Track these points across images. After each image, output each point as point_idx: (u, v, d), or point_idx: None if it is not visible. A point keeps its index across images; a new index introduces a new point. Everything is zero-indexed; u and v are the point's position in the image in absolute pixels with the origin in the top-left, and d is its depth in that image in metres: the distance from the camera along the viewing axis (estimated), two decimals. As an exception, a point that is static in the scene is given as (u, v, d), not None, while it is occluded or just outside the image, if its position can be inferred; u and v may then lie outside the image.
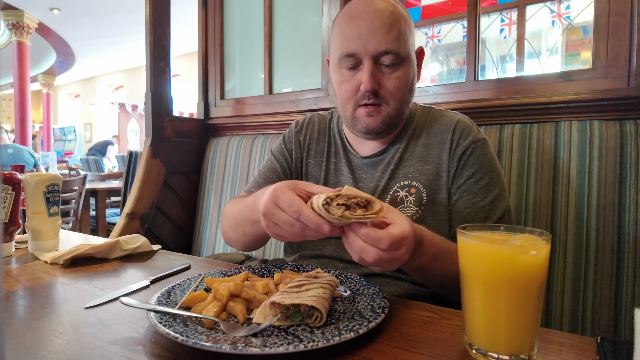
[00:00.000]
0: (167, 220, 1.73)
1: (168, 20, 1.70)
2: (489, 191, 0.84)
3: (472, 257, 0.49)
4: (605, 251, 1.01)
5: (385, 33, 0.81)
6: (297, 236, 0.61)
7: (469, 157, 0.86)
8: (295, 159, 1.04)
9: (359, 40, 0.82)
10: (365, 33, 0.81)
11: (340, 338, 0.47)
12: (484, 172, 0.85)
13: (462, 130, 0.88)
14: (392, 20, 0.82)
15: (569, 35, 4.15)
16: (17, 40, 8.04)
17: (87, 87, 13.21)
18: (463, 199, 0.85)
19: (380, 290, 0.63)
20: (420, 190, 0.87)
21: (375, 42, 0.81)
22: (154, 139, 1.67)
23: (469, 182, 0.85)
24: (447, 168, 0.87)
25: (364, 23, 0.82)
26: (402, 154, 0.91)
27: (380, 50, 0.81)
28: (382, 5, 0.83)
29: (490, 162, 0.87)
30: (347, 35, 0.84)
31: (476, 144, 0.87)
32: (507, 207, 0.84)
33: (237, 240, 0.90)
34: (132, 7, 7.00)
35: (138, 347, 0.50)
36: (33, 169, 4.43)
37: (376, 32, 0.81)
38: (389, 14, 0.82)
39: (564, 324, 1.04)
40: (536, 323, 0.46)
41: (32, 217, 0.95)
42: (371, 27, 0.81)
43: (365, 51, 0.82)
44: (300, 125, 1.08)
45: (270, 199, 0.61)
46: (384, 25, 0.81)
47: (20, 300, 0.66)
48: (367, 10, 0.83)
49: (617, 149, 1.02)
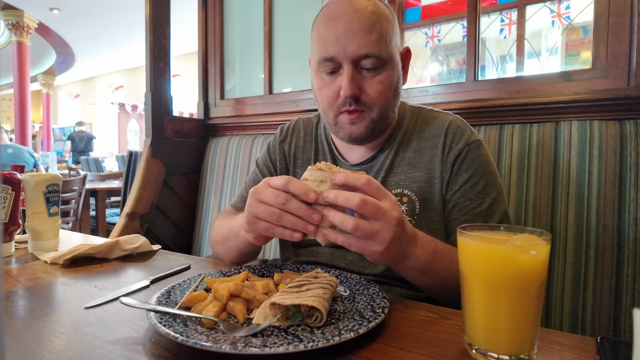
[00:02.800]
0: (167, 220, 1.73)
1: (168, 20, 1.70)
2: (486, 195, 0.81)
3: (472, 257, 0.49)
4: (605, 251, 1.01)
5: (364, 35, 0.76)
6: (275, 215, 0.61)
7: (462, 161, 0.83)
8: (279, 170, 1.01)
9: (337, 43, 0.77)
10: (343, 35, 0.76)
11: (340, 338, 0.47)
12: (480, 176, 0.82)
13: (454, 133, 0.85)
14: (372, 21, 0.76)
15: (569, 35, 4.15)
16: (17, 40, 8.04)
17: (87, 87, 13.21)
18: (459, 205, 0.82)
19: (380, 290, 0.63)
20: (413, 199, 0.84)
21: (354, 45, 0.76)
22: (154, 139, 1.67)
23: (464, 187, 0.82)
24: (440, 174, 0.84)
25: (341, 25, 0.76)
26: (392, 160, 0.88)
27: (360, 53, 0.76)
28: (362, 5, 0.77)
29: (486, 165, 0.83)
30: (324, 38, 0.79)
31: (469, 147, 0.83)
32: (504, 210, 0.82)
33: (223, 254, 0.91)
34: (132, 6, 7.00)
35: (138, 347, 0.50)
36: (33, 169, 4.43)
37: (355, 34, 0.76)
38: (368, 14, 0.76)
39: (564, 324, 1.04)
40: (536, 323, 0.46)
41: (32, 217, 0.95)
42: (349, 29, 0.76)
43: (344, 55, 0.77)
44: (284, 133, 1.03)
45: (263, 181, 0.64)
46: (363, 26, 0.76)
47: (20, 300, 0.66)
48: (346, 11, 0.77)
49: (617, 149, 1.02)
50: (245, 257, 0.88)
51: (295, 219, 0.61)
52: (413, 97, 1.42)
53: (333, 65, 0.79)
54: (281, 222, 0.62)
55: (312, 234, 0.61)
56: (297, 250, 0.96)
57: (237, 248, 0.83)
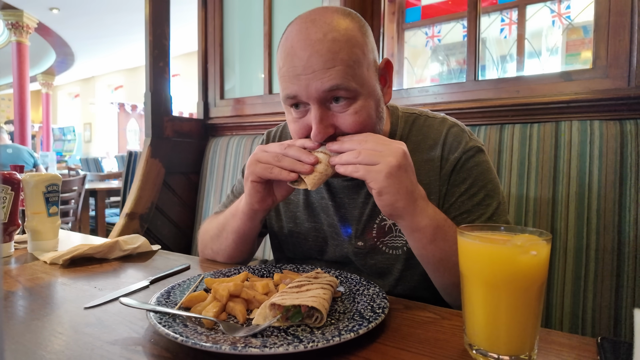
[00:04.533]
0: (167, 220, 1.73)
1: (168, 20, 1.70)
2: (487, 207, 0.76)
3: (472, 257, 0.49)
4: (606, 251, 1.01)
5: (326, 70, 0.66)
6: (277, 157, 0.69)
7: (459, 171, 0.78)
8: None
9: (298, 82, 0.68)
10: (303, 74, 0.68)
11: (340, 338, 0.47)
12: (479, 186, 0.77)
13: (451, 143, 0.80)
14: (333, 53, 0.67)
15: (569, 35, 4.15)
16: (16, 40, 8.03)
17: (87, 87, 13.20)
18: (457, 218, 0.76)
19: (380, 291, 0.63)
20: None
21: (316, 82, 0.67)
22: (154, 139, 1.67)
23: (461, 199, 0.77)
24: (438, 189, 0.79)
25: (299, 62, 0.68)
26: None
27: (324, 89, 0.67)
28: (319, 34, 0.67)
29: (485, 173, 0.78)
30: (284, 75, 0.71)
31: (467, 154, 0.78)
32: (506, 221, 0.78)
33: (218, 250, 0.89)
34: (131, 6, 6.99)
35: (137, 348, 0.50)
36: (32, 169, 4.43)
37: (315, 71, 0.67)
38: (328, 44, 0.67)
39: (564, 324, 1.04)
40: (536, 323, 0.46)
41: (32, 217, 0.95)
42: (308, 67, 0.67)
43: (307, 94, 0.68)
44: (270, 139, 0.99)
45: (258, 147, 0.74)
46: (323, 61, 0.66)
47: (19, 300, 0.66)
48: (302, 45, 0.68)
49: (618, 149, 1.02)
50: (242, 245, 0.85)
51: (292, 160, 0.69)
52: (413, 97, 1.42)
53: (299, 101, 0.71)
54: (280, 163, 0.69)
55: (309, 173, 0.68)
56: None
57: (235, 230, 0.82)
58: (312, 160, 0.67)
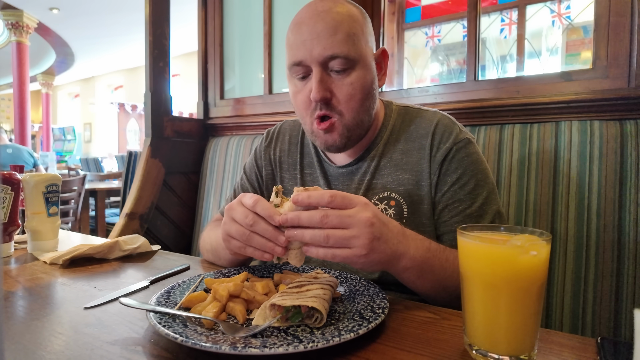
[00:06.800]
0: (167, 220, 1.73)
1: (167, 20, 1.70)
2: (477, 195, 0.79)
3: (472, 257, 0.49)
4: (606, 251, 1.01)
5: (329, 36, 0.75)
6: (245, 236, 0.62)
7: (451, 161, 0.81)
8: (265, 176, 1.01)
9: (304, 47, 0.77)
10: (308, 39, 0.76)
11: (340, 339, 0.47)
12: (469, 175, 0.80)
13: (442, 132, 0.83)
14: (336, 22, 0.76)
15: (569, 35, 4.15)
16: (16, 40, 8.03)
17: (87, 87, 13.20)
18: (449, 207, 0.80)
19: (380, 291, 0.63)
20: (400, 202, 0.83)
21: (319, 47, 0.75)
22: (154, 139, 1.67)
23: (453, 188, 0.80)
24: (428, 176, 0.82)
25: (306, 28, 0.77)
26: (379, 162, 0.86)
27: (326, 55, 0.75)
28: (326, 7, 0.78)
29: (475, 163, 0.81)
30: (292, 43, 0.79)
31: (458, 146, 0.81)
32: (497, 209, 0.80)
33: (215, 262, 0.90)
34: (131, 6, 7.00)
35: (137, 348, 0.50)
36: (32, 169, 4.43)
37: (319, 36, 0.75)
38: (333, 14, 0.76)
39: (564, 325, 1.04)
40: (536, 323, 0.46)
41: (32, 218, 0.95)
42: (314, 32, 0.76)
43: (311, 58, 0.76)
44: (270, 137, 1.03)
45: (237, 198, 0.65)
46: (327, 27, 0.75)
47: (19, 300, 0.66)
48: (310, 15, 0.78)
49: (618, 149, 1.02)
50: (238, 264, 0.87)
51: (263, 240, 0.62)
52: (413, 97, 1.42)
53: (303, 69, 0.79)
54: (250, 242, 0.63)
55: (280, 255, 0.61)
56: None
57: (227, 259, 0.84)
58: (282, 241, 0.60)
